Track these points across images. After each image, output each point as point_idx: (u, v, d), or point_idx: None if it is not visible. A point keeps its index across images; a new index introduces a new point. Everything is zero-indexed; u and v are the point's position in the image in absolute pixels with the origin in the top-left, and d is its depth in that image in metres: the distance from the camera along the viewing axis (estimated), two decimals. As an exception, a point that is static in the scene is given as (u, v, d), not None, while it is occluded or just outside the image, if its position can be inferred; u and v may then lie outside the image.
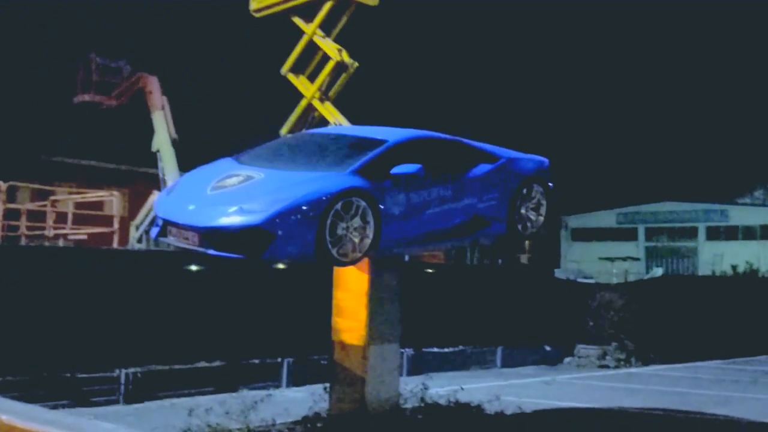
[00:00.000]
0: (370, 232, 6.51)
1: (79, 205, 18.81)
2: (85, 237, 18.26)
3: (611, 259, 41.37)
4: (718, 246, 49.00)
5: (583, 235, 53.86)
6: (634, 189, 54.03)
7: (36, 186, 19.19)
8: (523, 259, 38.76)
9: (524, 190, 7.76)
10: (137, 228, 20.58)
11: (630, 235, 53.38)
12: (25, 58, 29.23)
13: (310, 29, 18.72)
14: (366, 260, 7.26)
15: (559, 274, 27.48)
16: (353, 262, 6.74)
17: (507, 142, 8.34)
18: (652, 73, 72.46)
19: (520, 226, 7.77)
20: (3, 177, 17.02)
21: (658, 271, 39.34)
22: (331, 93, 18.98)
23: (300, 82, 19.12)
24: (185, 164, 19.88)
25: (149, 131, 22.16)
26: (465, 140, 7.79)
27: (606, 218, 54.35)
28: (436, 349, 14.13)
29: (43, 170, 22.85)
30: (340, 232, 6.34)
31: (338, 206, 6.30)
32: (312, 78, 19.05)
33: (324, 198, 6.26)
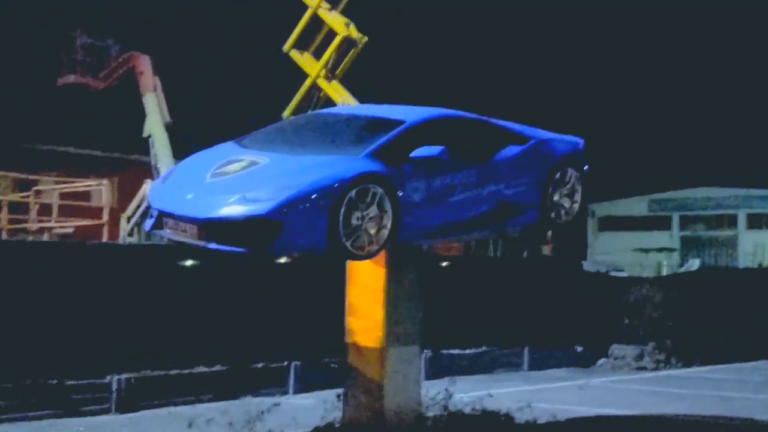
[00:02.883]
0: (387, 222, 6.35)
1: (64, 196, 18.72)
2: (71, 230, 18.16)
3: (646, 251, 41.06)
4: (760, 235, 48.58)
5: (612, 224, 53.51)
6: (667, 173, 53.64)
7: (18, 175, 19.10)
8: (545, 250, 38.40)
9: (557, 175, 7.58)
10: (128, 220, 20.46)
11: (663, 224, 52.99)
12: (6, 38, 29.18)
13: (315, 1, 18.49)
14: (383, 253, 7.08)
15: (587, 266, 27.22)
16: (369, 256, 6.57)
17: (531, 122, 8.12)
18: (687, 49, 71.92)
19: (553, 214, 7.58)
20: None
21: (694, 263, 39.01)
22: (338, 71, 18.74)
23: (304, 60, 18.89)
24: (180, 150, 19.75)
25: (140, 115, 22.00)
26: (492, 120, 7.59)
27: (637, 205, 53.98)
28: (457, 351, 13.94)
29: (26, 159, 22.75)
30: (354, 222, 6.17)
31: (352, 194, 6.13)
32: (317, 55, 18.81)
33: (337, 185, 6.10)
